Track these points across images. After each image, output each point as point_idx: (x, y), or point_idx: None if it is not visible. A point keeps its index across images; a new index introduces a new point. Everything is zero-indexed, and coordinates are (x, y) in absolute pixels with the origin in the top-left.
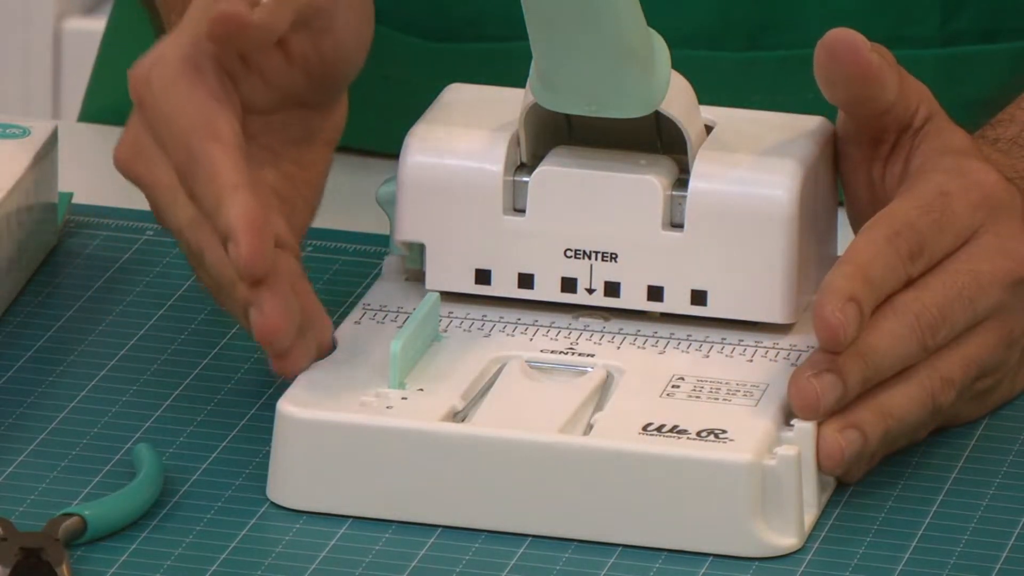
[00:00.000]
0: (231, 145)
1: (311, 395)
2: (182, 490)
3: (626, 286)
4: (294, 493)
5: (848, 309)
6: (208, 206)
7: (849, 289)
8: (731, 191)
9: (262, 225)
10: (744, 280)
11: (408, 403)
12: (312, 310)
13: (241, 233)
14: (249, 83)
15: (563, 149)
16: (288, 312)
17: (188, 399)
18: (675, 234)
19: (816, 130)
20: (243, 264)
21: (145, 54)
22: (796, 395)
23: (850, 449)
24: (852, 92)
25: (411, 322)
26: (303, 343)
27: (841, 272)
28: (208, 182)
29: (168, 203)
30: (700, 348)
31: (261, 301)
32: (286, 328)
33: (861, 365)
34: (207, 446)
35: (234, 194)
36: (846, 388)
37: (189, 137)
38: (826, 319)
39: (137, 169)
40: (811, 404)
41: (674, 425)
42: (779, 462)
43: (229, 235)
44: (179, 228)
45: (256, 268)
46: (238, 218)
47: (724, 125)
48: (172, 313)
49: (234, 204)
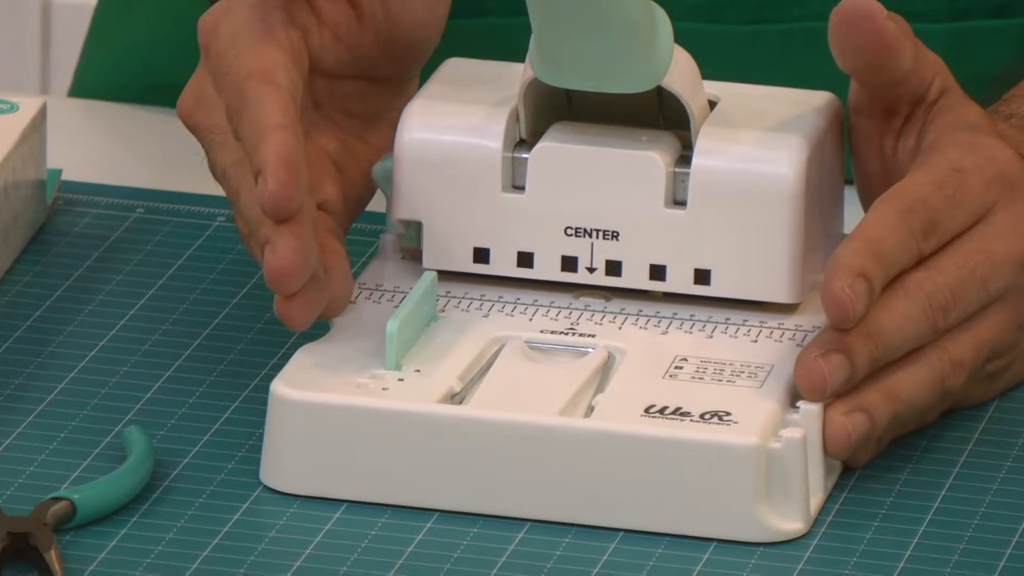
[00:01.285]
0: (283, 89)
1: (305, 376)
2: (173, 473)
3: (628, 265)
4: (288, 477)
5: (858, 285)
6: (250, 144)
7: (859, 265)
8: (735, 168)
9: (295, 163)
10: (748, 259)
11: (405, 385)
12: (335, 268)
13: (272, 167)
14: (319, 37)
15: (563, 125)
16: (303, 255)
17: (180, 380)
18: (678, 212)
19: (823, 105)
20: (267, 197)
21: (215, 4)
22: (802, 375)
23: (857, 432)
24: (866, 60)
25: (408, 302)
26: (314, 291)
27: (851, 248)
28: (253, 121)
29: (218, 145)
30: (703, 328)
31: (278, 238)
32: (298, 269)
33: (870, 345)
34: (199, 428)
35: (275, 132)
36: (854, 369)
37: (245, 80)
38: (835, 295)
39: (196, 116)
40: (818, 385)
41: (677, 407)
42: (784, 445)
43: (261, 169)
44: (223, 169)
45: (280, 203)
46: (272, 153)
47: (728, 100)
48: (163, 293)
49: (272, 141)
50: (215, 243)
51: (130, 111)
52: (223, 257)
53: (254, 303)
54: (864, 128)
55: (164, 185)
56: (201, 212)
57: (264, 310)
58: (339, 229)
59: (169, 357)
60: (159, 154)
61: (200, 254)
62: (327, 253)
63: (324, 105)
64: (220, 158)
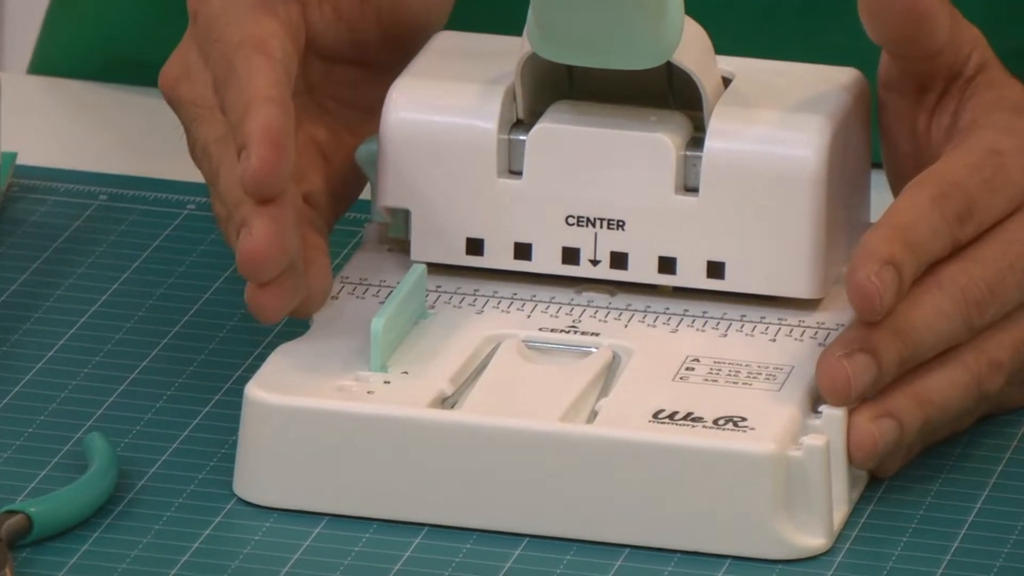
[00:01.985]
0: (276, 60)
1: (283, 378)
2: (139, 484)
3: (634, 257)
4: (264, 488)
5: (885, 273)
6: (235, 116)
7: (887, 252)
8: (751, 150)
9: (282, 140)
10: (766, 250)
11: (391, 388)
12: (315, 263)
13: (256, 142)
14: (320, 12)
15: (564, 104)
16: (280, 240)
17: (146, 383)
18: (689, 199)
19: (848, 83)
20: (249, 173)
21: None
22: (825, 377)
23: (884, 439)
24: (898, 31)
25: (394, 297)
26: (290, 282)
27: (879, 234)
28: (240, 92)
29: (202, 120)
30: (717, 326)
31: (255, 220)
32: (274, 255)
33: (898, 344)
34: (167, 435)
35: (263, 105)
36: (881, 370)
37: (236, 49)
38: (860, 284)
39: (180, 88)
40: (841, 388)
41: (688, 412)
42: (805, 453)
43: (245, 143)
44: (204, 145)
45: (262, 181)
46: (258, 126)
47: (744, 77)
48: (128, 287)
49: (260, 114)
50: (185, 233)
51: (93, 89)
52: (193, 248)
53: (227, 298)
54: (895, 106)
55: (130, 170)
56: (170, 199)
57: (239, 306)
58: (322, 223)
59: (134, 357)
60: (125, 136)
61: (168, 245)
62: (307, 247)
63: (317, 90)
64: (202, 133)
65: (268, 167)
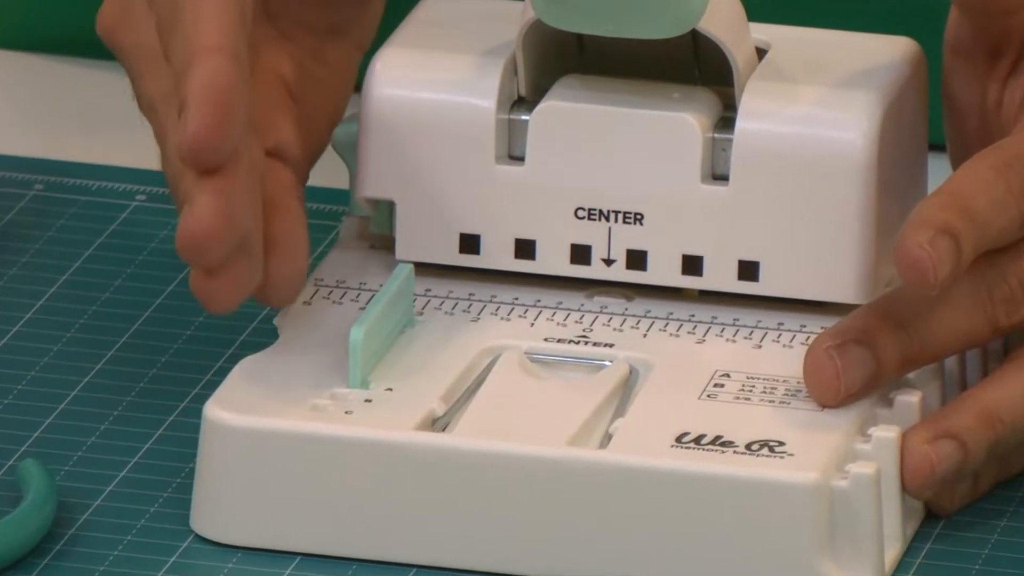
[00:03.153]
0: (227, 2)
1: (247, 396)
2: (81, 519)
3: (654, 256)
4: (226, 523)
5: (940, 242)
6: (178, 70)
7: (943, 220)
8: (789, 133)
9: (228, 98)
10: (807, 248)
11: (373, 407)
12: (289, 234)
13: (195, 102)
14: None
15: (573, 79)
16: (226, 218)
17: (89, 401)
18: (718, 188)
19: (901, 53)
20: (186, 140)
21: None
22: (810, 372)
23: (944, 464)
24: None
25: (376, 302)
26: (242, 266)
27: (935, 201)
28: (185, 39)
29: (147, 72)
30: (750, 336)
31: (195, 195)
32: (216, 236)
33: (901, 337)
34: (113, 462)
35: (208, 56)
36: (880, 366)
37: None
38: (910, 251)
39: (120, 34)
40: (829, 383)
41: (716, 435)
42: (852, 483)
43: (185, 103)
44: (150, 100)
45: (201, 148)
46: (199, 84)
47: (781, 48)
48: (68, 291)
49: (202, 68)
50: (133, 228)
51: (25, 62)
52: (143, 245)
53: (184, 303)
54: (963, 73)
55: (70, 155)
56: (116, 189)
57: (196, 312)
58: (298, 182)
59: (75, 372)
60: (64, 117)
61: (114, 242)
62: (279, 213)
63: (278, 18)
64: (147, 87)
65: (208, 132)
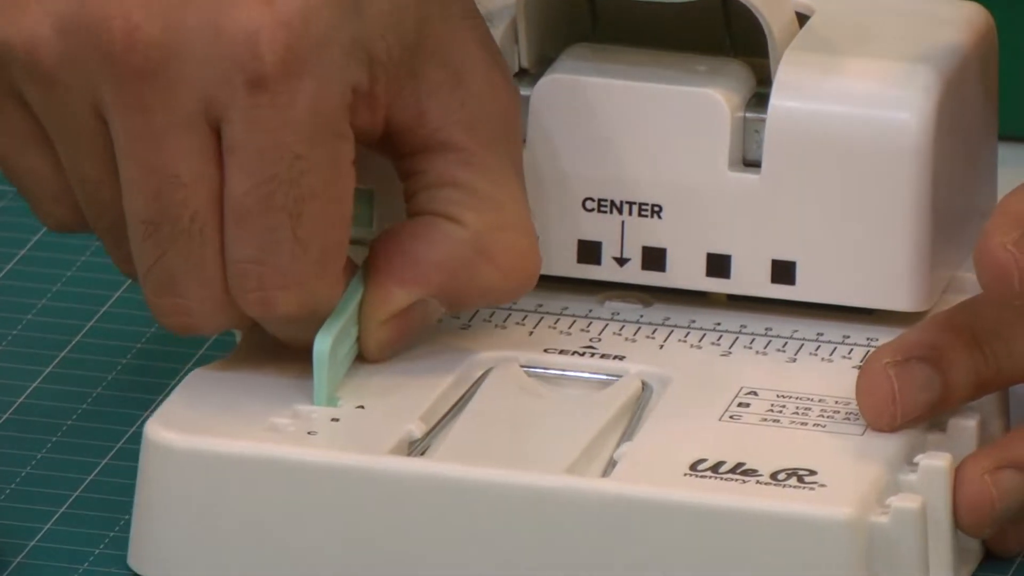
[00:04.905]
0: None
1: (195, 414)
2: (15, 561)
3: (675, 254)
4: (168, 560)
5: None
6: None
7: None
8: (831, 112)
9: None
10: (850, 246)
11: (341, 427)
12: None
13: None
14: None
15: (582, 48)
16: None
17: (22, 426)
18: (749, 176)
19: (967, 21)
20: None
21: None
22: (864, 391)
23: (1006, 499)
24: None
25: (344, 307)
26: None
27: (1023, 195)
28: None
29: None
30: (784, 348)
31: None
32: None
33: (975, 355)
34: (52, 496)
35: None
36: (948, 387)
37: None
38: (992, 253)
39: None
40: (884, 405)
41: (738, 463)
42: (893, 519)
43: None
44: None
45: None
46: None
47: (825, 12)
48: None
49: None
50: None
51: None
52: (87, 245)
53: (133, 312)
54: None
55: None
56: None
57: (146, 323)
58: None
59: (7, 392)
60: None
61: (53, 240)
62: None
63: None
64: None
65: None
